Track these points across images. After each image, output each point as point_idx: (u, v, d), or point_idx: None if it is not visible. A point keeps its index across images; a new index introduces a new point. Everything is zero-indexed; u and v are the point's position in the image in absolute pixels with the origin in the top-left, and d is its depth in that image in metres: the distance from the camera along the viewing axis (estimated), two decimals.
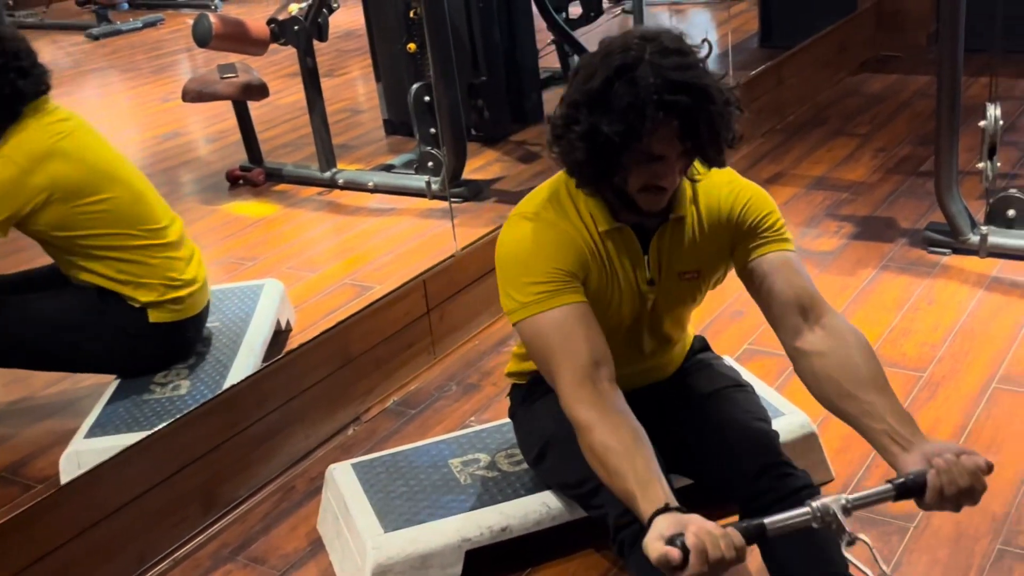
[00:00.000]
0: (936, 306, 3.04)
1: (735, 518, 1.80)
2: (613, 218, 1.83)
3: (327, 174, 4.37)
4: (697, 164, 1.82)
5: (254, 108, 4.59)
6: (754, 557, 1.86)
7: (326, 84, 4.46)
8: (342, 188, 4.35)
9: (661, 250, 1.87)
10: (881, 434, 1.65)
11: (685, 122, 1.64)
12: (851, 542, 1.46)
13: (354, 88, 5.82)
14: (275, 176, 4.52)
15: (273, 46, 4.38)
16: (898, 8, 5.41)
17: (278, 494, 2.51)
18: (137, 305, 2.63)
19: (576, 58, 5.42)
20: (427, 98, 4.29)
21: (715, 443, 1.92)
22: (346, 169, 4.42)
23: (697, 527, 1.48)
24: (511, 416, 2.20)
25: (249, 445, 2.50)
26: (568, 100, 1.72)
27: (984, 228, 3.27)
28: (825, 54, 5.11)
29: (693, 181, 1.85)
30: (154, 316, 2.65)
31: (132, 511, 2.26)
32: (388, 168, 4.45)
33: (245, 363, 2.78)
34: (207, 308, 2.83)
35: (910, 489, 1.53)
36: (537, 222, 1.82)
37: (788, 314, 1.81)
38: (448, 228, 3.93)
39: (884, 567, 1.48)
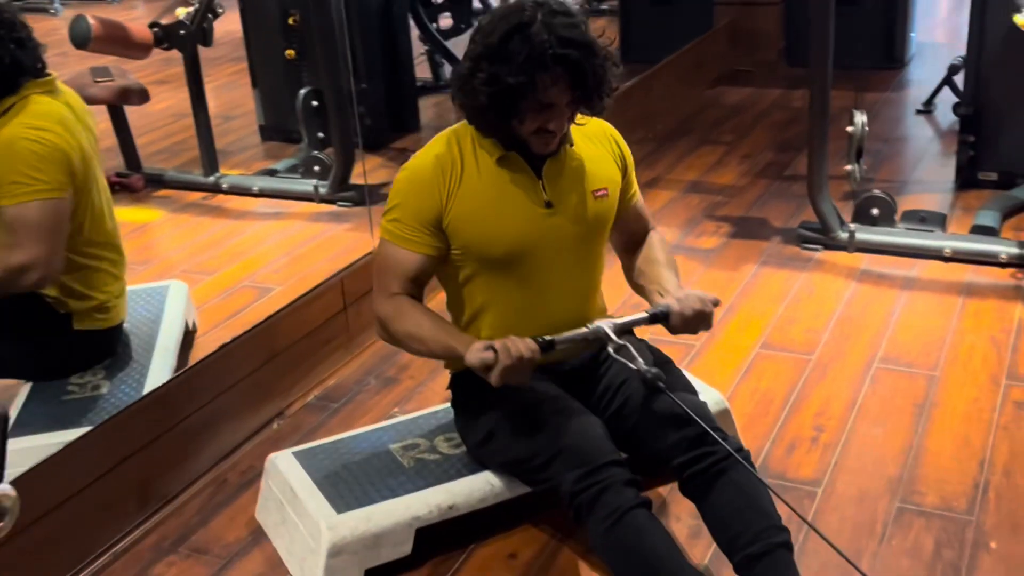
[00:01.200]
0: (815, 297, 3.30)
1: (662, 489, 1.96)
2: (504, 147, 2.07)
3: (211, 179, 4.36)
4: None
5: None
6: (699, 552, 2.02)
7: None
8: (226, 193, 4.34)
9: (555, 174, 2.11)
10: (653, 293, 2.18)
11: (574, 73, 1.93)
12: (617, 348, 2.01)
13: (223, 95, 5.77)
14: (155, 182, 4.46)
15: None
16: (750, 27, 5.78)
17: (211, 487, 2.52)
18: (62, 311, 2.59)
19: (448, 67, 5.57)
20: (315, 103, 4.34)
21: (653, 415, 2.06)
22: (229, 174, 4.41)
23: (512, 340, 1.94)
24: (455, 404, 2.30)
25: (181, 440, 2.51)
26: (471, 54, 2.00)
27: (852, 226, 3.56)
28: (686, 69, 5.40)
29: (579, 125, 2.14)
30: (78, 324, 2.62)
31: (69, 508, 2.24)
32: (271, 173, 4.46)
33: (162, 363, 2.78)
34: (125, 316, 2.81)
35: (659, 317, 2.07)
36: (418, 159, 2.10)
37: (636, 239, 2.31)
38: (341, 231, 4.01)
39: (642, 364, 1.99)
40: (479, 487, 2.22)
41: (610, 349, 2.01)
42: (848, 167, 3.55)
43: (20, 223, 2.37)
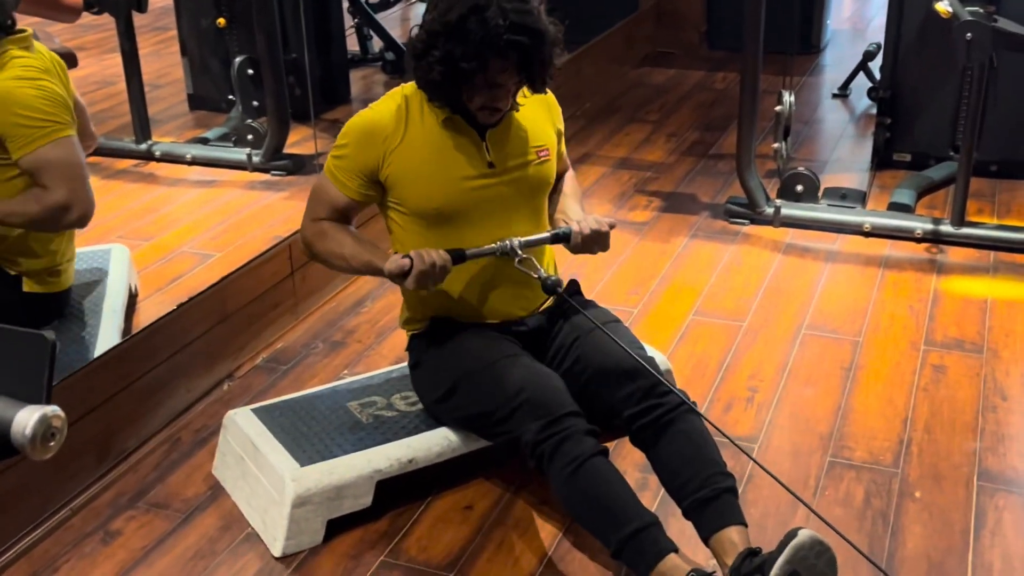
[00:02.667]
0: (744, 268, 3.45)
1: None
2: (450, 110, 2.18)
3: (143, 146, 4.32)
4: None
5: None
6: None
7: (119, 59, 4.37)
8: (159, 160, 4.30)
9: (497, 137, 2.22)
10: (559, 220, 2.35)
11: (523, 58, 2.05)
12: (520, 260, 2.16)
13: (150, 63, 5.68)
14: None
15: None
16: (674, 9, 5.91)
17: (165, 445, 2.55)
18: (13, 272, 2.57)
19: (376, 40, 5.59)
20: (250, 71, 4.34)
21: (605, 369, 2.16)
22: (161, 142, 4.38)
23: (426, 251, 2.09)
24: (412, 364, 2.37)
25: (137, 399, 2.53)
26: (428, 28, 2.09)
27: (778, 201, 3.71)
28: (613, 48, 5.52)
29: (524, 96, 2.27)
30: (28, 286, 2.60)
31: (27, 464, 2.24)
32: (203, 141, 4.44)
33: (110, 324, 2.79)
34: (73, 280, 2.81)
35: (559, 236, 2.24)
36: (370, 112, 2.22)
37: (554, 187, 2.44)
38: (276, 199, 4.02)
39: (543, 273, 2.17)
40: (437, 442, 2.30)
41: (515, 262, 2.16)
42: (775, 145, 3.70)
43: (44, 167, 2.37)
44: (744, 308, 3.18)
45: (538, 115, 2.32)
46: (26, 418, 0.98)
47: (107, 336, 2.72)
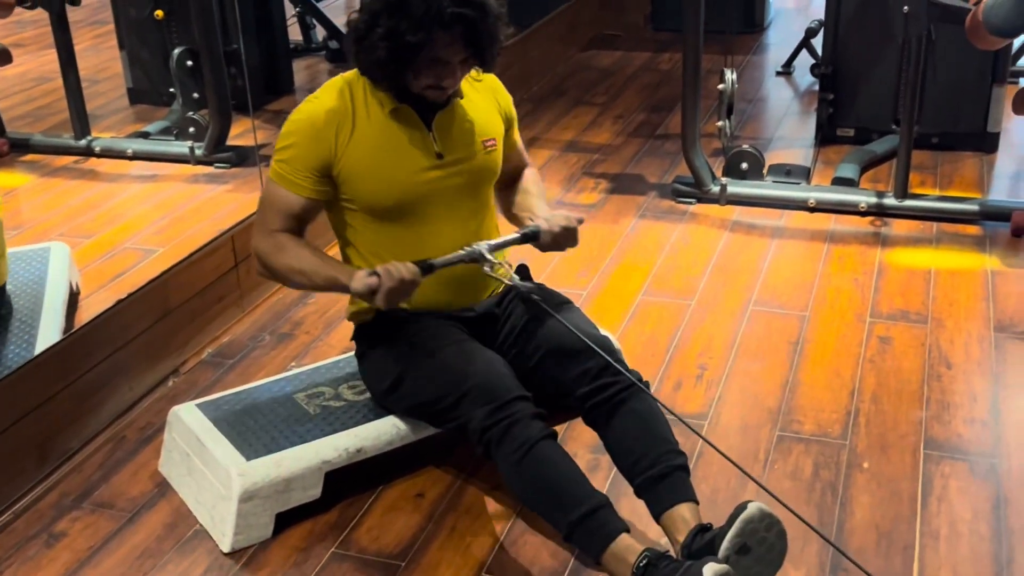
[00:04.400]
0: (691, 247, 3.46)
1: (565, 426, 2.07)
2: (397, 100, 2.14)
3: (82, 142, 4.24)
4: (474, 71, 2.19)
5: None
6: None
7: (55, 55, 4.29)
8: (99, 156, 4.23)
9: (444, 127, 2.19)
10: (525, 218, 2.29)
11: (469, 32, 2.01)
12: (492, 267, 2.13)
13: (87, 58, 5.57)
14: (20, 147, 4.31)
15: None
16: None
17: (110, 444, 2.51)
18: None
19: (319, 29, 5.53)
20: (190, 63, 4.27)
21: (559, 349, 2.15)
22: (101, 137, 4.30)
23: (394, 265, 2.01)
24: (359, 354, 2.34)
25: (79, 398, 2.48)
26: (369, 8, 2.04)
27: (723, 180, 3.72)
28: (559, 31, 5.50)
29: (477, 81, 2.26)
30: None
31: None
32: (144, 135, 4.37)
33: (50, 322, 2.74)
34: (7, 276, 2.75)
35: (529, 236, 2.18)
36: (312, 104, 2.15)
37: (511, 181, 2.41)
38: (220, 192, 3.97)
39: (516, 280, 2.18)
40: (386, 431, 2.28)
41: (485, 268, 2.12)
42: (719, 123, 3.71)
43: None
44: (692, 286, 3.18)
45: (486, 104, 2.28)
46: None
47: (47, 335, 2.67)
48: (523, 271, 2.41)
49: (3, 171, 4.18)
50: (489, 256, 2.12)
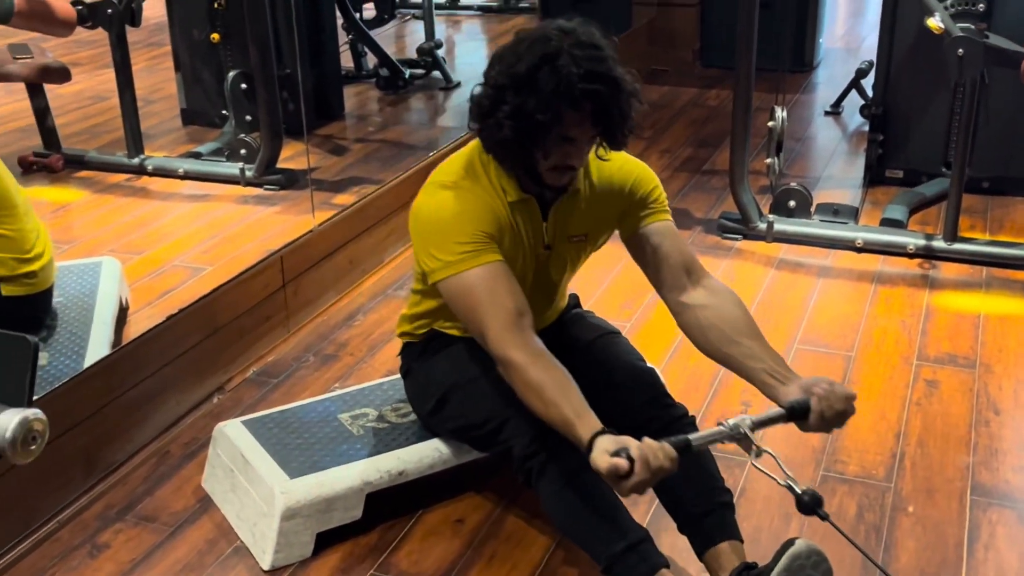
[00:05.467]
0: (737, 283, 3.44)
1: None
2: (521, 189, 2.04)
3: (135, 160, 4.31)
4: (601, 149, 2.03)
5: None
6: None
7: (113, 74, 4.36)
8: (151, 175, 4.30)
9: (557, 218, 2.09)
10: (761, 372, 1.98)
11: (598, 109, 1.87)
12: (759, 453, 1.79)
13: (143, 79, 5.69)
14: (75, 162, 4.39)
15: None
16: (667, 27, 5.94)
17: (154, 458, 2.53)
18: None
19: (370, 56, 5.60)
20: (244, 86, 4.34)
21: (604, 382, 2.15)
22: (154, 156, 4.37)
23: (637, 443, 1.73)
24: (404, 373, 2.35)
25: (126, 411, 2.51)
26: (494, 83, 1.92)
27: (771, 217, 3.71)
28: None
29: (603, 160, 2.06)
30: (7, 289, 2.60)
31: (14, 476, 2.23)
32: (196, 156, 4.44)
33: (100, 336, 2.78)
34: (54, 283, 2.79)
35: (797, 412, 1.87)
36: (456, 189, 2.00)
37: (675, 274, 2.11)
38: (268, 213, 4.01)
39: (787, 473, 1.79)
40: (428, 454, 2.29)
41: (751, 457, 1.80)
42: (768, 160, 3.70)
43: None
44: None
45: (608, 201, 2.09)
46: (7, 421, 0.97)
47: (96, 348, 2.70)
48: (573, 299, 2.42)
49: (58, 186, 4.26)
50: (753, 439, 1.80)
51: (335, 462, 2.24)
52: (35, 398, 2.32)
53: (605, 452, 1.72)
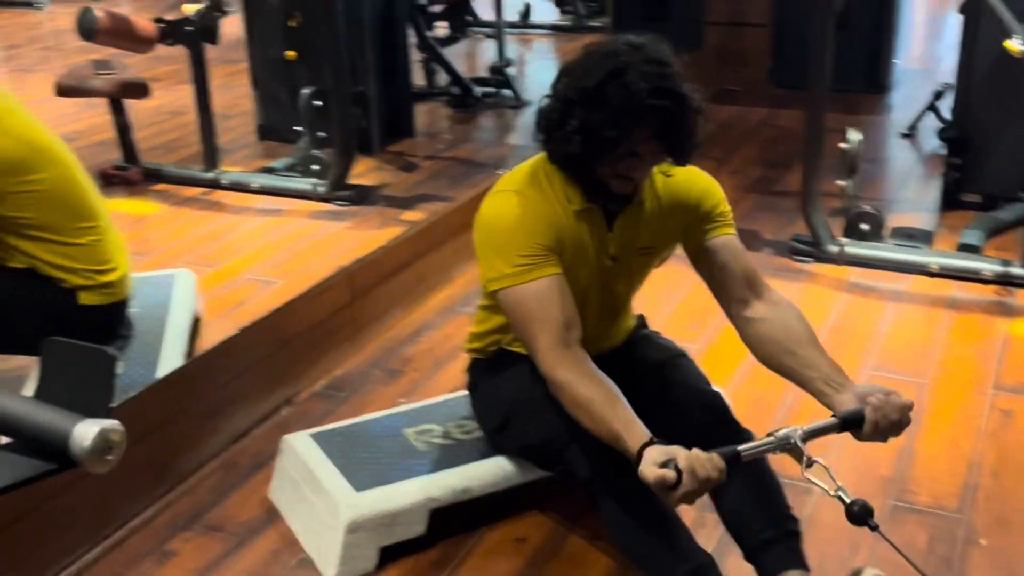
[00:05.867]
0: (807, 306, 3.34)
1: None
2: (585, 199, 2.04)
3: (211, 175, 4.40)
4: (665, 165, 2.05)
5: None
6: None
7: (191, 90, 4.46)
8: (226, 189, 4.39)
9: (624, 229, 2.09)
10: (817, 380, 1.98)
11: (664, 125, 1.88)
12: (809, 464, 1.78)
13: (220, 95, 5.80)
14: (153, 176, 4.50)
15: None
16: (739, 47, 5.90)
17: (223, 468, 2.57)
18: (67, 286, 2.63)
19: (441, 75, 5.65)
20: (317, 103, 4.40)
21: (670, 405, 2.14)
22: (229, 171, 4.46)
23: (685, 453, 1.74)
24: (471, 388, 2.36)
25: (196, 421, 2.56)
26: (562, 96, 1.93)
27: (842, 240, 3.66)
28: None
29: (667, 176, 2.08)
30: (85, 299, 2.65)
31: (87, 483, 2.27)
32: (270, 171, 4.51)
33: (173, 347, 2.83)
34: (130, 294, 2.85)
35: (851, 422, 1.86)
36: (520, 197, 2.02)
37: (737, 287, 2.11)
38: (339, 229, 4.06)
39: (838, 483, 1.77)
40: (492, 472, 2.29)
41: (803, 470, 1.78)
42: (841, 183, 3.65)
43: None
44: None
45: (673, 212, 2.09)
46: (85, 431, 0.99)
47: (169, 358, 2.76)
48: (641, 320, 2.41)
49: (136, 199, 4.36)
50: (805, 449, 1.79)
51: (400, 477, 2.25)
52: (109, 407, 2.39)
53: (653, 463, 1.73)
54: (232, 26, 4.95)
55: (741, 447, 1.79)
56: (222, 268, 3.67)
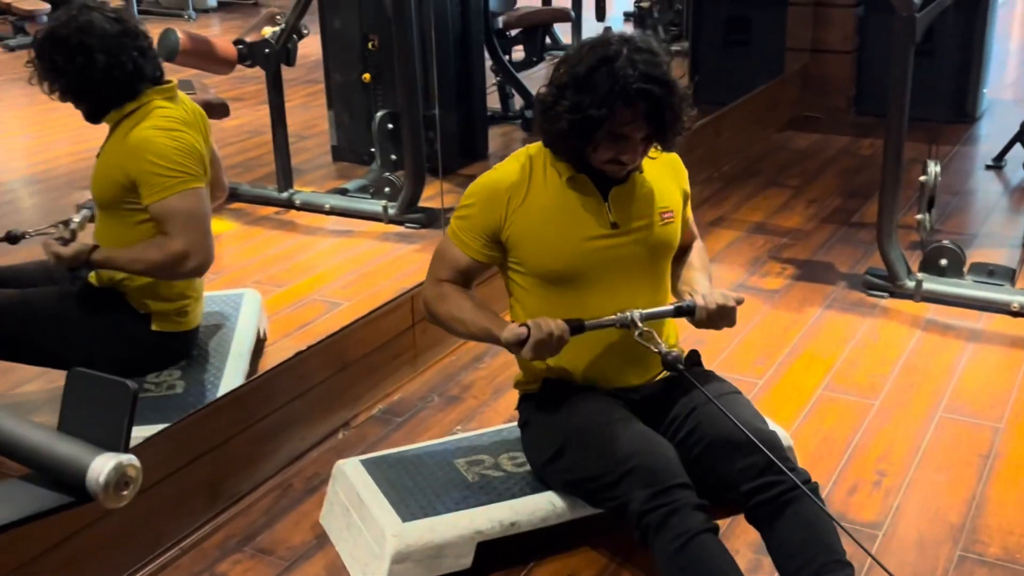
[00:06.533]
0: (880, 343, 3.30)
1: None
2: (575, 169, 2.16)
3: (284, 194, 4.45)
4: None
5: None
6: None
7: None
8: (298, 209, 4.43)
9: (622, 199, 2.19)
10: (685, 292, 2.26)
11: (652, 109, 2.02)
12: (640, 334, 2.08)
13: (298, 115, 5.89)
14: (230, 195, 4.56)
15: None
16: (822, 73, 5.80)
17: (277, 491, 2.58)
18: (143, 312, 2.66)
19: (517, 99, 5.65)
20: (390, 126, 4.43)
21: (722, 442, 2.08)
22: (303, 191, 4.51)
23: (544, 321, 2.05)
24: (522, 423, 2.34)
25: (253, 443, 2.57)
26: (556, 82, 2.08)
27: (919, 275, 3.55)
28: (756, 111, 5.43)
29: (651, 158, 2.23)
30: (157, 325, 2.68)
31: (141, 502, 2.26)
32: (342, 192, 4.55)
33: (235, 366, 2.84)
34: (201, 321, 2.88)
35: (683, 309, 2.16)
36: (494, 172, 2.22)
37: (680, 255, 2.36)
38: (408, 251, 4.07)
39: (663, 348, 2.09)
40: (542, 506, 2.25)
41: (635, 334, 2.08)
42: (919, 216, 3.55)
43: (171, 216, 2.48)
44: (877, 385, 3.03)
45: (664, 177, 2.27)
46: (101, 465, 0.98)
47: (231, 378, 2.77)
48: (694, 357, 2.36)
49: (213, 217, 4.42)
50: (640, 323, 2.09)
51: (448, 508, 2.23)
52: (166, 425, 2.41)
53: (511, 328, 2.06)
54: (315, 46, 5.02)
55: (587, 321, 2.09)
56: (290, 288, 3.70)
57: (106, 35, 2.47)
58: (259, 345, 3.17)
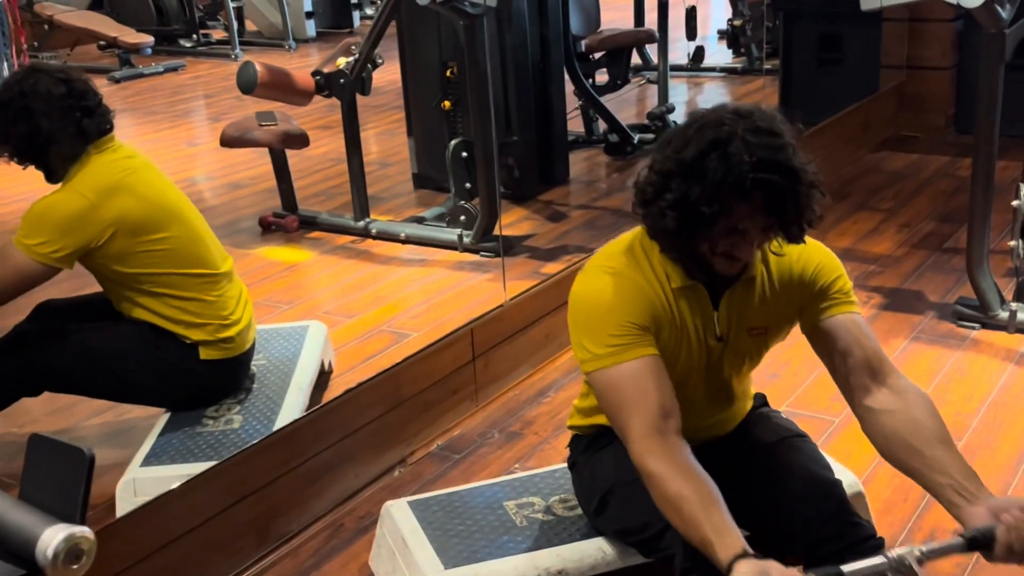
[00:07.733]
0: (968, 378, 3.12)
1: None
2: (687, 275, 1.90)
3: (361, 223, 4.46)
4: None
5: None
6: None
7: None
8: (375, 238, 4.43)
9: (731, 307, 1.94)
10: (947, 488, 1.76)
11: (772, 200, 1.72)
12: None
13: (380, 142, 5.93)
14: (308, 224, 4.60)
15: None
16: (919, 90, 5.57)
17: (327, 531, 2.54)
18: (188, 342, 2.68)
19: (600, 122, 5.57)
20: (465, 154, 4.40)
21: (781, 490, 1.97)
22: (379, 219, 4.50)
23: (779, 571, 1.56)
24: (571, 466, 2.25)
25: (303, 481, 2.54)
26: (659, 168, 1.79)
27: (1013, 305, 3.35)
28: (849, 131, 5.25)
29: (776, 255, 1.92)
30: (205, 353, 2.70)
31: (189, 541, 2.29)
32: (419, 220, 4.53)
33: (294, 401, 2.83)
34: (253, 346, 2.88)
35: (980, 542, 1.64)
36: (614, 275, 1.89)
37: (858, 374, 1.91)
38: (480, 281, 4.02)
39: None
40: (590, 554, 2.16)
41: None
42: (1012, 243, 3.35)
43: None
44: (963, 424, 2.85)
45: (780, 291, 1.94)
46: (51, 537, 0.94)
47: (288, 413, 2.75)
48: (760, 399, 2.24)
49: (290, 246, 4.47)
50: (918, 569, 1.62)
51: (493, 554, 2.16)
52: (217, 462, 2.40)
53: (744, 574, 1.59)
54: (399, 73, 5.03)
55: (846, 568, 1.60)
56: (361, 318, 3.69)
57: (51, 97, 2.51)
58: (324, 377, 3.16)
